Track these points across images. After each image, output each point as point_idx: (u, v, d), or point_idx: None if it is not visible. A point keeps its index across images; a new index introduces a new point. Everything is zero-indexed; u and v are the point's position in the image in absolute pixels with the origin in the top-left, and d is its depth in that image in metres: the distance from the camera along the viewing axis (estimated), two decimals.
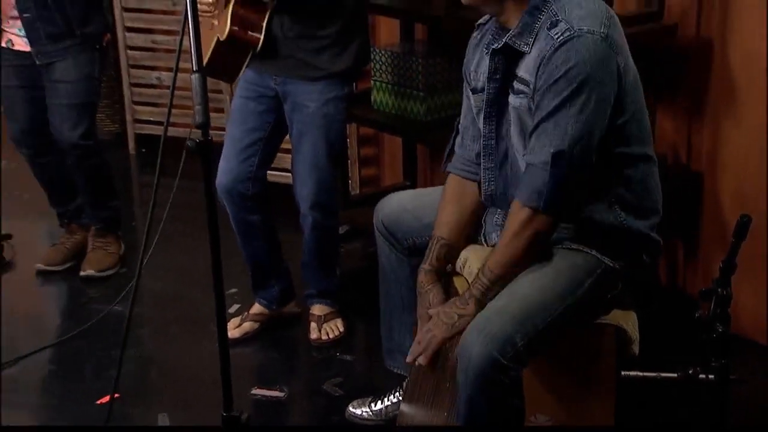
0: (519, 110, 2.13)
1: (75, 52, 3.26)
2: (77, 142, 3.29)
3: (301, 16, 2.79)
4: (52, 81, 3.27)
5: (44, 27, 3.21)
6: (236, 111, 2.97)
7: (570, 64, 2.01)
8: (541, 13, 2.09)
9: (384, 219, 2.47)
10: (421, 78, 3.30)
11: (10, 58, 3.30)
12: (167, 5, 4.51)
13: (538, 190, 2.03)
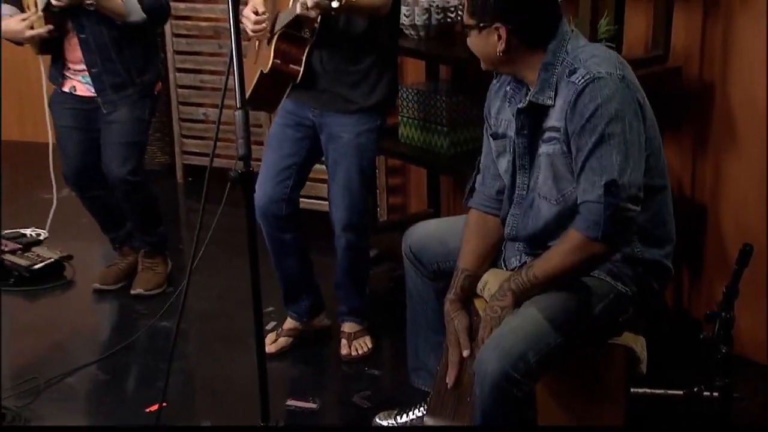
0: (552, 156, 2.11)
1: (133, 98, 3.30)
2: (126, 177, 3.31)
3: (338, 52, 2.81)
4: (107, 122, 3.30)
5: (109, 79, 3.25)
6: (274, 137, 2.98)
7: (597, 102, 2.01)
8: (555, 67, 2.10)
9: (411, 246, 2.47)
10: (445, 114, 3.30)
11: (72, 102, 3.34)
12: (214, 48, 4.55)
13: (596, 221, 2.01)
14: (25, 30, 3.16)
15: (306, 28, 2.75)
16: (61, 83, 3.34)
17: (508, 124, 2.24)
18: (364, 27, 2.78)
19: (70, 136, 3.37)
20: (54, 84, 3.38)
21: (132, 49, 3.25)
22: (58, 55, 3.30)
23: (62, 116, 3.37)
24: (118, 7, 3.12)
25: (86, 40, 3.20)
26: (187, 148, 4.72)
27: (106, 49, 3.21)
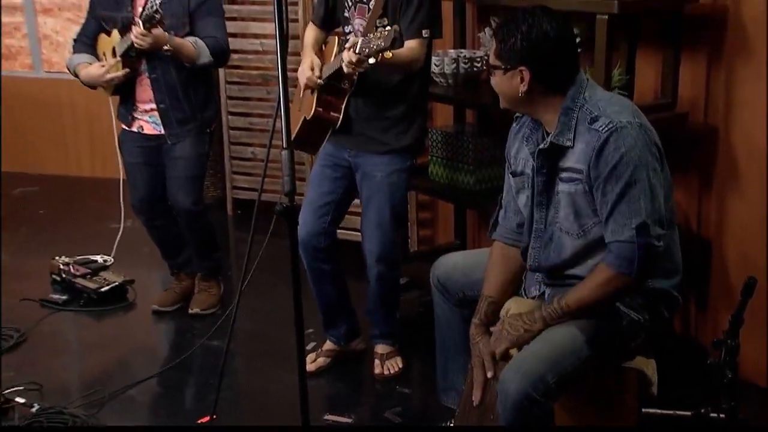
0: (574, 195, 2.11)
1: (194, 133, 3.34)
2: (189, 208, 3.35)
3: (373, 100, 2.83)
4: (172, 158, 3.34)
5: (175, 114, 3.29)
6: (315, 176, 3.00)
7: (622, 151, 2.01)
8: (574, 112, 2.10)
9: (439, 277, 2.47)
10: (471, 154, 3.30)
11: (139, 141, 3.38)
12: (262, 94, 4.59)
13: (629, 258, 2.01)
14: (105, 74, 3.23)
15: (346, 79, 2.78)
16: (130, 123, 3.39)
17: (526, 162, 2.24)
18: (398, 79, 2.80)
19: (137, 170, 3.41)
20: (123, 123, 3.42)
21: (195, 89, 3.30)
22: (128, 96, 3.35)
23: (131, 153, 3.41)
24: (189, 53, 3.17)
25: (157, 80, 3.26)
26: (236, 183, 4.75)
27: (174, 88, 3.26)
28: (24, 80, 5.32)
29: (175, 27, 3.19)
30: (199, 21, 3.22)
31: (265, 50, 4.48)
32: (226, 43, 3.28)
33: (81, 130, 5.33)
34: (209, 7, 3.24)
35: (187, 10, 3.20)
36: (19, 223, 4.59)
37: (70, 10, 5.14)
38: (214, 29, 3.24)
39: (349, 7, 2.82)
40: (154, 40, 3.05)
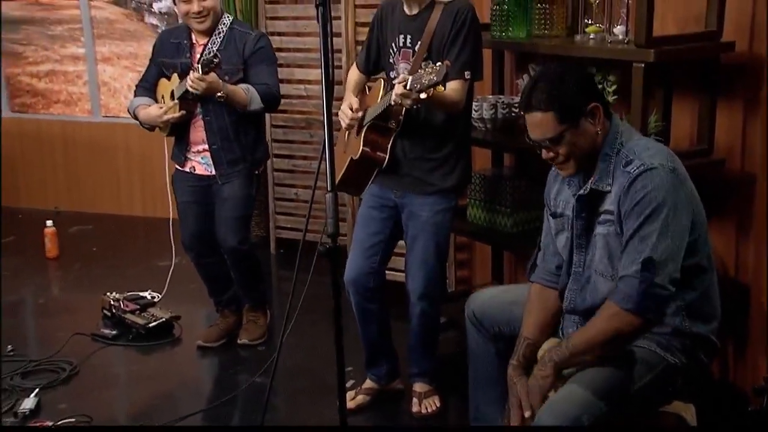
0: (607, 237, 2.09)
1: (243, 174, 3.38)
2: (237, 246, 3.38)
3: (419, 142, 2.83)
4: (221, 198, 3.38)
5: (226, 155, 3.34)
6: (362, 217, 3.00)
7: (647, 189, 2.00)
8: (611, 158, 2.10)
9: (475, 310, 2.45)
10: (509, 197, 3.29)
11: (191, 180, 3.43)
12: (305, 137, 4.64)
13: (630, 294, 1.98)
14: (162, 115, 3.30)
15: (392, 120, 2.79)
16: (183, 163, 3.44)
17: (566, 204, 2.23)
18: (443, 120, 2.80)
19: (188, 209, 3.46)
20: (176, 163, 3.48)
21: (246, 131, 3.35)
22: (183, 137, 3.41)
23: (183, 192, 3.46)
24: (241, 99, 3.23)
25: (210, 122, 3.32)
26: (280, 223, 4.78)
27: (225, 130, 3.32)
28: (83, 124, 5.45)
29: (229, 73, 3.26)
30: (252, 68, 3.29)
31: (309, 95, 4.53)
32: (277, 90, 3.34)
33: (133, 171, 5.43)
34: (263, 54, 3.31)
35: (242, 57, 3.28)
36: (74, 259, 4.66)
37: (127, 59, 5.28)
38: (267, 76, 3.30)
39: (394, 53, 2.84)
40: (209, 86, 3.12)
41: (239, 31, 3.32)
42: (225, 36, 3.29)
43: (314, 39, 4.40)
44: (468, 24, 2.71)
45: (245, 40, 3.29)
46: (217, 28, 3.30)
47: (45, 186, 5.60)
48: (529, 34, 3.18)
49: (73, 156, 5.51)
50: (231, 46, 3.28)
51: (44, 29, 5.38)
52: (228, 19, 3.33)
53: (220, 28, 3.30)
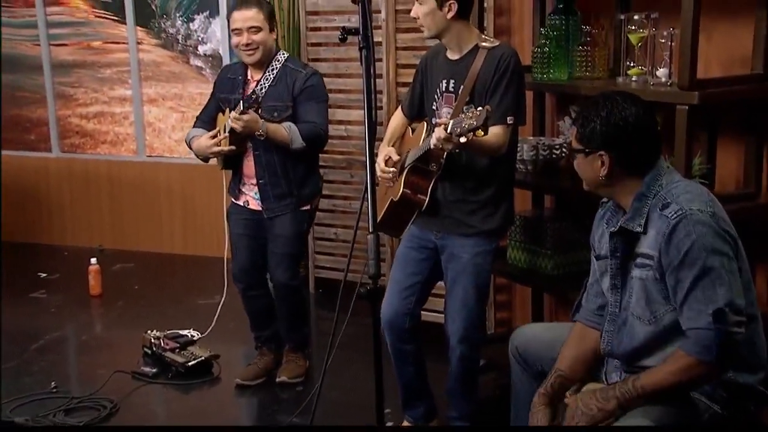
0: (645, 281, 2.06)
1: (291, 209, 3.40)
2: (287, 282, 3.42)
3: (460, 184, 2.82)
4: (273, 235, 3.42)
5: (273, 190, 3.38)
6: (400, 257, 2.99)
7: (693, 238, 1.96)
8: (647, 198, 2.07)
9: (518, 346, 2.42)
10: (549, 239, 3.25)
11: (244, 214, 3.48)
12: (346, 177, 4.66)
13: (707, 346, 1.94)
14: (212, 146, 3.35)
15: (433, 162, 2.79)
16: (237, 196, 3.49)
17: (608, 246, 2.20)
18: (484, 163, 2.79)
19: (240, 241, 3.50)
20: (232, 196, 3.53)
21: (295, 167, 3.38)
22: (237, 171, 3.46)
23: (236, 225, 3.51)
24: (283, 138, 3.27)
25: (259, 157, 3.36)
26: (319, 263, 4.78)
27: (273, 165, 3.35)
28: (128, 164, 5.56)
29: (278, 109, 3.30)
30: (301, 105, 3.32)
31: (350, 136, 4.57)
32: (323, 129, 3.36)
33: (175, 210, 5.51)
34: (312, 93, 3.34)
35: (291, 94, 3.32)
36: (116, 297, 4.72)
37: (172, 100, 5.39)
38: (314, 114, 3.33)
39: (438, 98, 2.85)
40: (247, 124, 3.18)
41: (292, 68, 3.36)
42: (278, 72, 3.34)
43: (355, 80, 4.45)
44: (511, 69, 2.71)
45: (296, 77, 3.33)
46: (272, 65, 3.34)
47: (90, 224, 5.70)
48: (571, 76, 3.18)
49: (117, 195, 5.61)
50: (282, 82, 3.32)
51: (95, 72, 5.53)
52: (283, 56, 3.39)
53: (274, 65, 3.35)
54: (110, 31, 5.44)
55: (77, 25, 5.49)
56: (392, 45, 4.17)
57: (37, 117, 5.69)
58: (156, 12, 5.31)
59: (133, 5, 5.31)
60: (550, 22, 3.24)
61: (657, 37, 2.77)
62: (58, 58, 5.57)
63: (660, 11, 2.82)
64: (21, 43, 5.61)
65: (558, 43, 3.16)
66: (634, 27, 2.83)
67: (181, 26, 5.28)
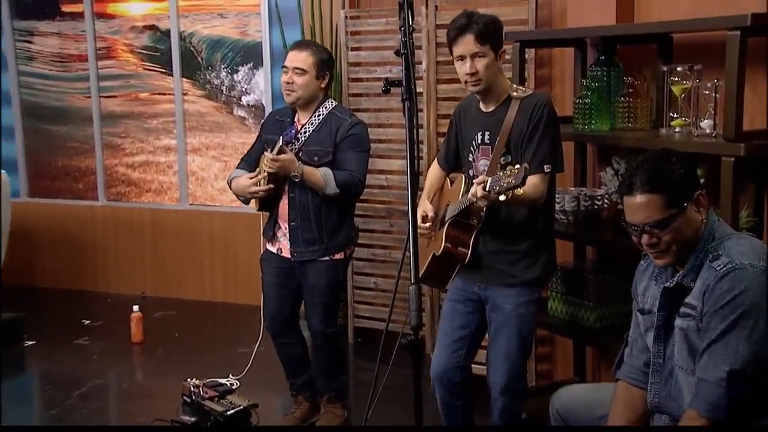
0: (687, 331, 2.01)
1: (319, 256, 3.37)
2: (324, 331, 3.40)
3: (500, 235, 2.81)
4: (308, 285, 3.40)
5: (303, 234, 3.36)
6: (447, 312, 2.97)
7: (735, 292, 1.90)
8: (700, 252, 2.02)
9: (560, 408, 2.36)
10: (591, 291, 3.20)
11: (276, 262, 3.46)
12: (385, 227, 4.66)
13: (716, 404, 1.89)
14: (250, 186, 3.36)
15: (473, 216, 2.79)
16: (271, 240, 3.48)
17: (654, 300, 2.15)
18: (524, 215, 2.78)
19: (271, 289, 3.49)
20: (265, 238, 3.51)
21: (328, 214, 3.36)
22: (273, 214, 3.46)
23: (268, 272, 3.50)
24: (317, 181, 3.27)
25: (293, 199, 3.36)
26: (359, 312, 4.76)
27: (307, 209, 3.34)
28: (171, 212, 5.64)
29: (319, 154, 3.31)
30: (341, 153, 3.32)
31: (390, 185, 4.58)
32: (359, 178, 3.34)
33: (216, 258, 5.55)
34: (354, 141, 3.34)
35: (334, 141, 3.32)
36: (157, 344, 4.74)
37: (215, 149, 5.49)
38: (352, 163, 3.32)
39: (474, 151, 2.85)
40: (282, 165, 3.19)
41: (338, 116, 3.38)
42: (324, 118, 3.35)
43: (396, 130, 4.48)
44: (545, 117, 2.71)
45: (340, 124, 3.33)
46: (318, 110, 3.36)
47: (133, 272, 5.77)
48: (612, 127, 3.17)
49: (160, 243, 5.68)
50: (326, 128, 3.34)
51: (141, 123, 5.66)
52: (331, 104, 3.40)
53: (321, 111, 3.37)
54: (157, 82, 5.58)
55: (126, 77, 5.65)
56: (433, 96, 4.20)
57: (86, 166, 5.83)
58: (202, 64, 5.44)
59: (180, 58, 5.45)
60: (592, 74, 3.24)
61: (701, 88, 2.75)
62: (107, 110, 5.72)
63: (703, 63, 2.81)
64: (73, 96, 5.78)
65: (599, 94, 3.16)
66: (677, 78, 2.82)
67: (225, 77, 5.40)
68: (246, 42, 5.25)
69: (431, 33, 4.16)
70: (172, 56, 5.47)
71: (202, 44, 5.41)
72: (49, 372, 4.39)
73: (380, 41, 4.51)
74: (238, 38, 5.30)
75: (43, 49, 5.81)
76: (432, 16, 4.14)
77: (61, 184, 5.90)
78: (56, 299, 5.61)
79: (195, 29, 5.41)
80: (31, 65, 5.84)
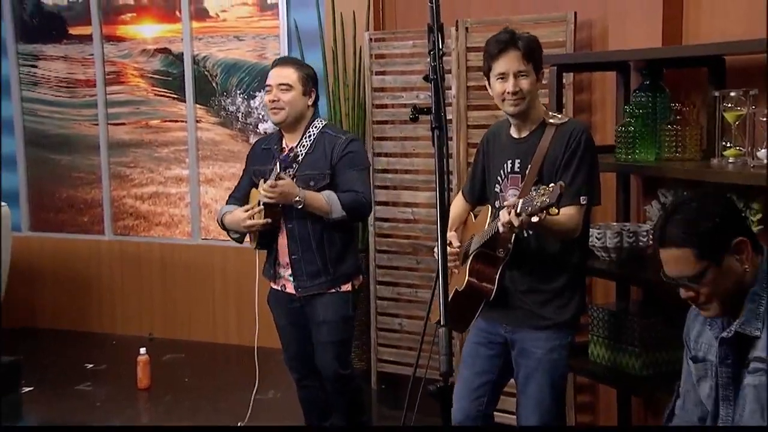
0: (758, 388, 1.96)
1: (326, 289, 3.35)
2: (338, 372, 3.38)
3: (530, 271, 2.79)
4: (317, 322, 3.38)
5: (306, 267, 3.34)
6: (468, 355, 2.95)
7: None
8: (762, 298, 1.98)
9: None
10: (636, 335, 3.16)
11: (284, 300, 3.45)
12: (412, 264, 4.66)
13: None
14: (246, 219, 3.32)
15: (500, 247, 2.77)
16: (274, 279, 3.46)
17: (708, 348, 2.11)
18: (556, 247, 2.77)
19: (286, 330, 3.49)
20: (267, 278, 3.50)
21: (331, 242, 3.33)
22: (272, 250, 3.44)
23: (279, 315, 3.49)
24: (322, 206, 3.24)
25: (292, 230, 3.33)
26: (382, 356, 4.74)
27: (307, 239, 3.32)
28: (182, 247, 5.68)
29: (315, 178, 3.29)
30: (340, 173, 3.30)
31: (417, 219, 4.59)
32: (366, 198, 3.32)
33: (229, 297, 5.57)
34: (352, 159, 3.31)
35: (330, 161, 3.30)
36: (165, 390, 4.75)
37: (230, 180, 5.50)
38: (356, 182, 3.29)
39: (502, 180, 2.85)
40: (282, 191, 3.16)
41: (330, 134, 3.35)
42: (315, 139, 3.33)
43: (423, 160, 4.50)
44: (583, 145, 2.71)
45: (334, 143, 3.31)
46: (308, 131, 3.34)
47: (141, 311, 5.80)
48: (659, 157, 3.15)
49: (170, 280, 5.72)
50: (319, 149, 3.31)
51: (151, 152, 5.73)
52: (320, 123, 3.38)
53: (311, 131, 3.35)
54: (169, 109, 5.66)
55: (136, 103, 5.74)
56: (463, 123, 4.23)
57: (92, 198, 5.91)
58: (216, 89, 5.51)
59: (194, 82, 5.53)
60: (636, 99, 3.24)
61: (757, 115, 2.73)
62: (115, 138, 5.80)
63: (759, 87, 2.79)
64: (80, 123, 5.88)
65: (644, 121, 3.15)
66: (731, 104, 2.80)
67: (241, 104, 5.46)
68: (264, 66, 5.32)
69: (461, 56, 4.20)
70: (185, 81, 5.55)
71: (217, 68, 5.50)
72: (48, 421, 4.39)
73: (407, 65, 4.55)
74: (256, 62, 5.38)
75: (48, 73, 5.92)
76: (462, 39, 4.18)
77: (65, 217, 5.98)
78: (57, 341, 5.65)
79: (209, 52, 5.50)
80: (35, 91, 5.96)
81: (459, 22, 4.18)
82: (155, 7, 5.63)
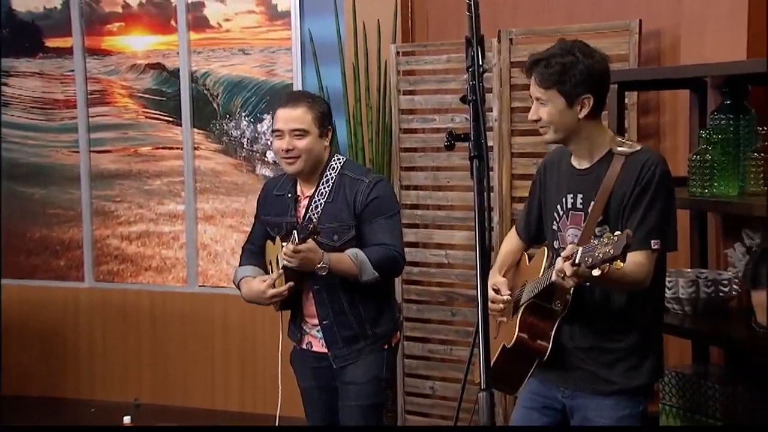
0: None
1: (366, 353, 3.38)
2: None
3: (593, 327, 2.78)
4: (344, 383, 3.39)
5: (341, 331, 3.36)
6: (518, 422, 2.94)
7: None
8: None
9: None
10: (718, 405, 3.14)
11: (310, 361, 3.46)
12: (446, 316, 4.66)
13: None
14: (266, 291, 3.35)
15: (557, 299, 2.76)
16: (299, 339, 3.49)
17: None
18: (623, 300, 2.75)
19: (311, 395, 3.50)
20: (293, 340, 3.53)
21: (365, 301, 3.36)
22: (297, 311, 3.47)
23: (303, 376, 3.51)
24: (350, 269, 3.25)
25: (320, 292, 3.35)
26: (410, 424, 4.72)
27: (339, 301, 3.34)
28: (176, 295, 5.70)
29: (338, 231, 3.31)
30: (366, 224, 3.31)
31: (451, 263, 4.59)
32: (399, 251, 3.34)
33: (232, 355, 5.57)
34: (379, 206, 3.32)
35: (353, 211, 3.31)
36: None
37: (232, 217, 5.56)
38: (385, 234, 3.31)
39: (560, 217, 2.86)
40: (305, 256, 3.16)
41: (351, 177, 3.35)
42: (334, 184, 3.34)
43: (458, 194, 4.51)
44: (657, 180, 2.71)
45: (357, 188, 3.32)
46: (326, 173, 3.36)
47: (126, 372, 5.79)
48: (742, 192, 3.15)
49: (161, 335, 5.72)
50: (340, 196, 3.32)
51: (141, 183, 5.76)
52: (338, 163, 3.38)
53: (328, 174, 3.36)
54: (162, 134, 5.72)
55: (124, 127, 5.79)
56: (507, 151, 4.24)
57: (70, 238, 5.94)
58: (218, 111, 5.56)
59: (191, 104, 5.58)
60: (714, 123, 3.24)
61: None
62: (98, 167, 5.85)
63: None
64: (57, 151, 5.92)
65: (724, 149, 3.15)
66: None
67: (246, 128, 5.51)
68: (273, 84, 5.38)
69: (504, 73, 4.23)
70: (181, 102, 5.61)
71: (219, 87, 5.55)
72: None
73: (440, 83, 4.59)
74: (264, 79, 5.43)
75: (20, 93, 5.99)
76: (506, 53, 4.21)
77: (37, 261, 6.02)
78: (25, 410, 5.63)
79: (210, 68, 5.57)
80: (5, 113, 5.99)
81: (502, 32, 4.21)
82: (147, 15, 5.70)
